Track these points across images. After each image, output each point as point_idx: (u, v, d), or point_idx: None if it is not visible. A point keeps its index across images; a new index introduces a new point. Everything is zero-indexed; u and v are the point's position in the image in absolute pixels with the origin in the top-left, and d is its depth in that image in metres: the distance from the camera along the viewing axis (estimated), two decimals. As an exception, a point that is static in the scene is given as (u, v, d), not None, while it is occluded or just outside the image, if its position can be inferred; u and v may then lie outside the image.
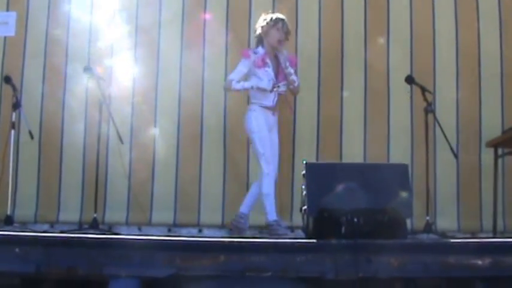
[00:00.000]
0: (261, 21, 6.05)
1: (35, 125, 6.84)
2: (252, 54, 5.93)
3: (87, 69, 6.44)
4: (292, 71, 5.97)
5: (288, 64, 5.94)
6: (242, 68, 5.93)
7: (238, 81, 5.94)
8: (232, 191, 6.88)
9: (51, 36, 7.11)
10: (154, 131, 7.04)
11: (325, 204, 4.50)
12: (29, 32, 7.13)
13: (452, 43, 7.14)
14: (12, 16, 7.08)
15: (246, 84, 5.93)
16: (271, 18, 5.99)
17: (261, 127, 5.88)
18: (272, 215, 5.82)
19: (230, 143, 6.98)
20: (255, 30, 6.15)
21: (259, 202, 6.00)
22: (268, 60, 5.92)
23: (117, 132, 6.37)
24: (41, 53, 7.09)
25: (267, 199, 5.80)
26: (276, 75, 5.96)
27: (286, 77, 5.98)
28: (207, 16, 7.12)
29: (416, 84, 6.39)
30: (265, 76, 5.91)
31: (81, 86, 6.88)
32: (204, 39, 7.09)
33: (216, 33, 7.09)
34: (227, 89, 6.11)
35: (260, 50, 5.96)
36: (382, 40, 7.13)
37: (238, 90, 6.04)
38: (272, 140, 5.93)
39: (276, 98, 5.94)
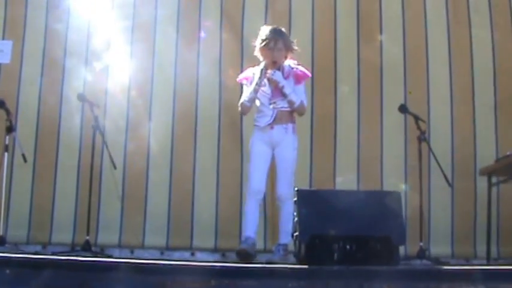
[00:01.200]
0: (258, 38, 5.67)
1: (30, 148, 6.87)
2: (250, 77, 5.70)
3: (81, 96, 6.53)
4: (289, 91, 5.53)
5: (283, 85, 5.53)
6: (246, 89, 5.71)
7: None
8: (225, 214, 6.89)
9: (46, 61, 7.16)
10: (147, 155, 7.04)
11: (317, 230, 4.51)
12: (24, 57, 7.19)
13: (446, 71, 7.21)
14: (8, 44, 7.17)
15: (250, 89, 5.62)
16: (262, 38, 5.61)
17: (253, 149, 5.62)
18: (244, 233, 5.58)
19: (223, 167, 7.00)
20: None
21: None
22: (264, 79, 5.58)
23: (110, 157, 6.40)
24: (36, 78, 7.15)
25: (245, 216, 5.61)
26: (273, 91, 5.60)
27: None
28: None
29: (410, 113, 6.45)
30: (261, 96, 5.62)
31: (76, 111, 6.95)
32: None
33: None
34: (242, 111, 5.77)
35: (262, 66, 5.63)
36: (375, 69, 7.19)
37: (248, 101, 5.64)
38: (279, 156, 5.57)
39: (274, 115, 5.57)
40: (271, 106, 5.57)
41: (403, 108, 6.52)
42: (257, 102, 5.68)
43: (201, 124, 7.05)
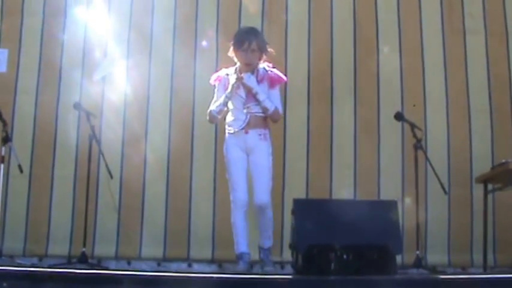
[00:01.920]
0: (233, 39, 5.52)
1: (26, 158, 6.86)
2: (223, 77, 5.54)
3: (78, 105, 6.54)
4: (262, 97, 5.35)
5: (256, 91, 5.35)
6: (218, 94, 5.54)
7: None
8: (223, 225, 6.88)
9: (43, 70, 7.19)
10: (144, 165, 7.05)
11: (314, 240, 4.54)
12: (20, 66, 7.20)
13: (441, 78, 7.25)
14: (3, 53, 7.19)
15: (221, 104, 5.47)
16: (235, 37, 5.46)
17: (230, 156, 5.44)
18: (237, 247, 5.46)
19: (220, 177, 7.01)
20: None
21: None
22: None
23: (107, 167, 6.39)
24: (32, 89, 7.17)
25: (233, 228, 5.47)
26: (248, 94, 5.40)
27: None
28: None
29: (406, 121, 6.48)
30: (235, 99, 5.42)
31: (72, 121, 6.94)
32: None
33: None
34: (210, 120, 5.65)
35: (237, 67, 5.49)
36: (371, 77, 7.22)
37: (218, 113, 5.53)
38: (254, 163, 5.40)
39: (247, 119, 5.38)
40: (244, 110, 5.39)
41: (399, 116, 6.55)
42: (230, 105, 5.51)
43: (199, 134, 7.05)
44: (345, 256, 4.52)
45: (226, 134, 5.52)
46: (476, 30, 7.34)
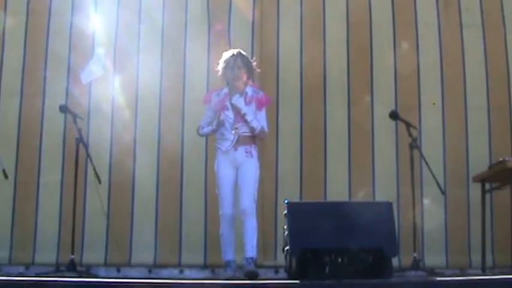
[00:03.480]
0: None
1: (10, 163, 6.87)
2: (213, 97, 5.96)
3: (63, 107, 6.53)
4: (250, 118, 5.79)
5: (245, 112, 5.79)
6: (207, 112, 6.00)
7: (208, 125, 5.97)
8: (215, 230, 6.91)
9: (27, 72, 7.20)
10: (133, 168, 7.07)
11: (308, 244, 4.57)
12: (4, 68, 7.22)
13: (437, 77, 7.29)
14: None
15: (211, 127, 5.94)
16: (223, 59, 5.95)
17: (220, 174, 5.85)
18: (224, 255, 5.85)
19: (211, 181, 7.03)
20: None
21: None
22: (227, 103, 5.86)
23: (95, 171, 6.40)
24: (16, 90, 7.17)
25: (221, 239, 5.86)
26: (236, 115, 5.84)
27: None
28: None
29: (401, 119, 6.51)
30: (224, 119, 5.86)
31: (59, 124, 6.96)
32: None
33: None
34: (199, 135, 6.13)
35: (225, 90, 5.93)
36: (366, 75, 7.27)
37: (207, 134, 6.09)
38: (241, 176, 5.78)
39: (235, 140, 5.81)
40: (233, 131, 5.82)
41: (394, 115, 6.58)
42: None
43: (188, 136, 7.06)
44: (339, 260, 4.56)
45: (217, 150, 5.91)
46: (473, 25, 7.39)
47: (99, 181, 6.47)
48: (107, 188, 6.96)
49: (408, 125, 6.42)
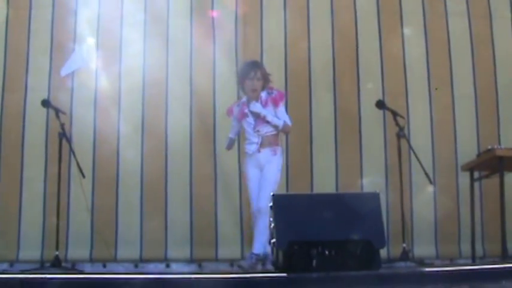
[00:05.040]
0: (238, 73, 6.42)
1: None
2: (234, 108, 6.37)
3: (46, 102, 6.55)
4: (270, 118, 6.16)
5: (264, 114, 6.15)
6: (233, 123, 6.41)
7: (235, 135, 6.44)
8: (200, 223, 6.97)
9: (8, 66, 7.20)
10: (116, 162, 7.09)
11: (294, 236, 4.61)
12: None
13: (423, 65, 7.34)
14: None
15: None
16: (241, 69, 6.37)
17: (247, 175, 6.26)
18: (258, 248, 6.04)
19: (196, 176, 7.09)
20: None
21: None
22: (246, 111, 6.22)
23: (78, 166, 6.42)
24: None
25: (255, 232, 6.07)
26: (256, 120, 6.20)
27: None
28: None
29: (388, 109, 6.56)
30: (247, 126, 6.25)
31: (41, 119, 6.97)
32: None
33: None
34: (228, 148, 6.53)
35: (243, 100, 6.33)
36: (351, 64, 7.31)
37: (232, 142, 6.45)
38: (263, 176, 6.14)
39: (260, 141, 6.18)
40: (255, 134, 6.20)
41: (380, 104, 6.62)
42: (244, 131, 6.37)
43: (173, 130, 7.12)
44: (326, 252, 4.59)
45: (246, 155, 6.32)
46: (459, 13, 7.44)
47: (83, 176, 6.50)
48: (90, 183, 6.97)
49: (395, 114, 6.46)
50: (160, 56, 7.24)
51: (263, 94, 6.24)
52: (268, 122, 6.17)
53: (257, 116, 6.19)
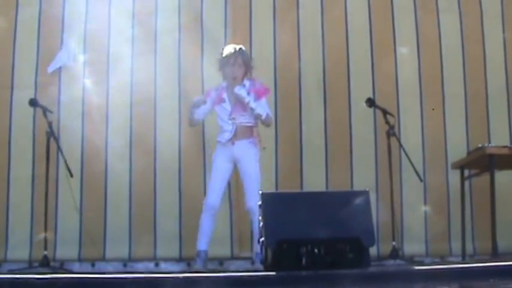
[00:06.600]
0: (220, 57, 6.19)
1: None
2: (212, 92, 6.19)
3: (33, 101, 6.56)
4: (254, 105, 5.99)
5: (249, 100, 5.99)
6: (207, 104, 6.14)
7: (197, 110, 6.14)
8: (189, 222, 6.98)
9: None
10: (105, 161, 7.10)
11: (283, 235, 4.65)
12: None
13: (414, 63, 7.40)
14: None
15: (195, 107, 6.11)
16: (223, 54, 6.14)
17: (214, 165, 6.12)
18: (198, 244, 6.08)
19: (185, 174, 7.11)
20: None
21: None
22: (224, 96, 6.10)
23: (66, 165, 6.44)
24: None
25: (199, 227, 6.10)
26: (233, 106, 6.06)
27: (250, 111, 6.05)
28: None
29: (378, 107, 6.61)
30: (221, 111, 6.10)
31: (28, 117, 6.98)
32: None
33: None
34: (191, 124, 6.33)
35: (223, 84, 6.18)
36: (342, 62, 7.35)
37: (197, 118, 6.20)
38: (243, 172, 6.06)
39: (233, 130, 6.03)
40: (230, 121, 6.04)
41: (370, 102, 6.67)
42: (218, 120, 6.17)
43: (161, 128, 7.15)
44: (316, 250, 4.63)
45: (217, 144, 6.17)
46: (450, 10, 7.50)
47: (71, 175, 6.50)
48: (79, 182, 6.99)
49: (385, 112, 6.52)
50: (148, 51, 7.24)
51: (247, 83, 6.09)
52: (251, 109, 5.97)
53: (239, 102, 6.00)
